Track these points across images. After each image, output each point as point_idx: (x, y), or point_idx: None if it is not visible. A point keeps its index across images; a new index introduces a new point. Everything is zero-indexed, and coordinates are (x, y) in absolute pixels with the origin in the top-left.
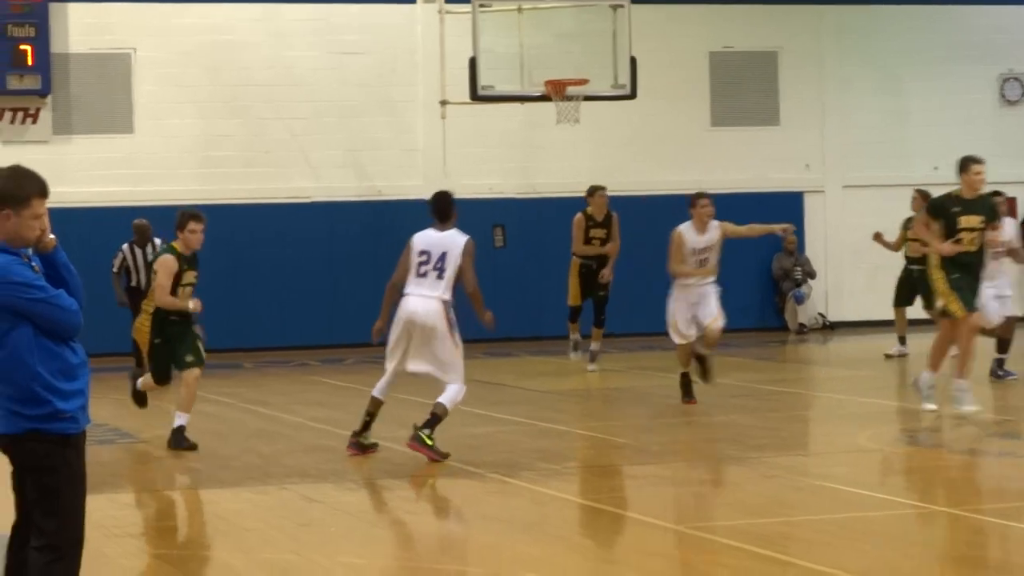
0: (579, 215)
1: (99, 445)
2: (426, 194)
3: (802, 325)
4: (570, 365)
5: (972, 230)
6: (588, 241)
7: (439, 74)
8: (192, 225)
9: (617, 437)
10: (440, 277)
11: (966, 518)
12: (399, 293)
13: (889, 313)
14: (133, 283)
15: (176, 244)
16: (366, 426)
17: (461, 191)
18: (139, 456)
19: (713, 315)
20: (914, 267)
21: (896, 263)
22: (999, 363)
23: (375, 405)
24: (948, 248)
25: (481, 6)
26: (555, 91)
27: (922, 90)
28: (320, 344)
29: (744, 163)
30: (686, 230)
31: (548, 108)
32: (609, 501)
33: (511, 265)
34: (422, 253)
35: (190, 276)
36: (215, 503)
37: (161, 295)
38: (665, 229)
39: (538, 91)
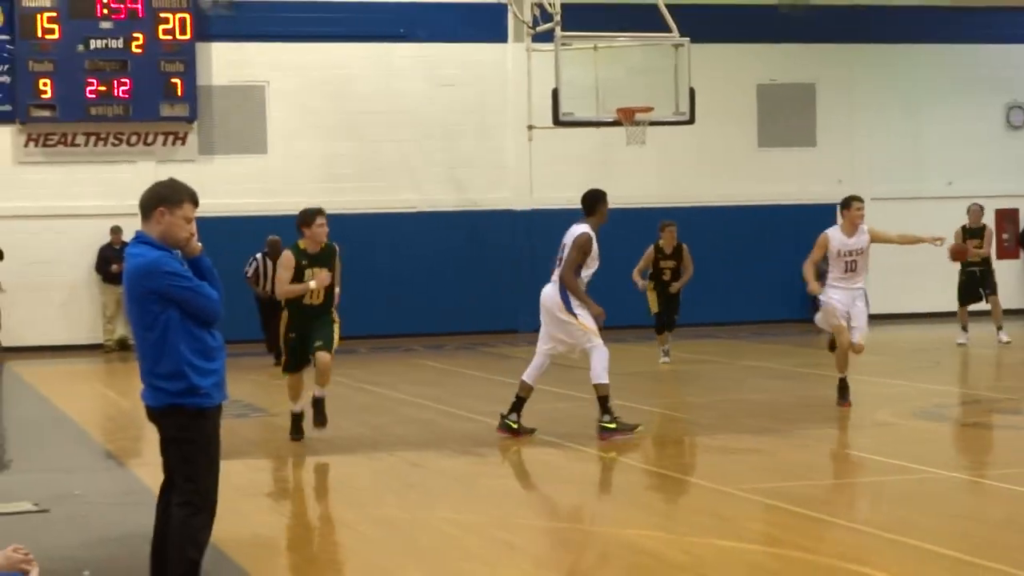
0: (650, 248)
1: (236, 419)
2: (515, 205)
3: None
4: (637, 352)
5: None
6: (659, 272)
7: (527, 103)
8: (319, 220)
9: (675, 412)
10: (558, 264)
11: (974, 482)
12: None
13: (913, 306)
14: (261, 290)
15: (301, 242)
16: (514, 408)
17: (544, 203)
18: (270, 428)
19: (861, 331)
20: (974, 268)
21: (919, 262)
22: None
23: (524, 389)
24: None
25: (563, 45)
26: (625, 117)
27: (938, 116)
28: (424, 332)
29: (786, 179)
30: (834, 233)
31: (619, 132)
32: (667, 466)
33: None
34: (562, 244)
35: (315, 272)
36: (332, 468)
37: (279, 286)
38: (720, 235)
39: (611, 117)
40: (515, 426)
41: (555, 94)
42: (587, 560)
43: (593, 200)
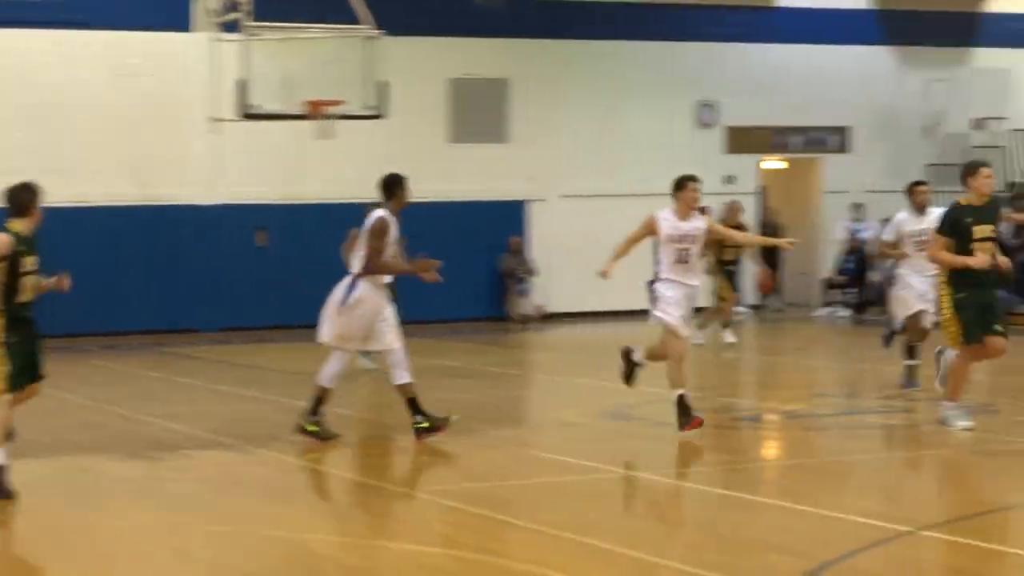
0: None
1: None
2: (200, 200)
3: (524, 315)
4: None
5: (985, 240)
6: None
7: (212, 94)
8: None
9: (365, 414)
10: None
11: (656, 481)
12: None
13: (599, 305)
14: None
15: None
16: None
17: (232, 198)
18: None
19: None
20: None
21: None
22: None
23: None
24: (980, 260)
25: (251, 35)
26: (314, 110)
27: (631, 113)
28: (100, 331)
29: (477, 176)
30: (664, 214)
31: (311, 126)
32: (350, 469)
33: (274, 263)
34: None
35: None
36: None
37: None
38: (409, 233)
39: (300, 110)
40: (315, 429)
41: (242, 86)
42: (264, 565)
43: (391, 184)
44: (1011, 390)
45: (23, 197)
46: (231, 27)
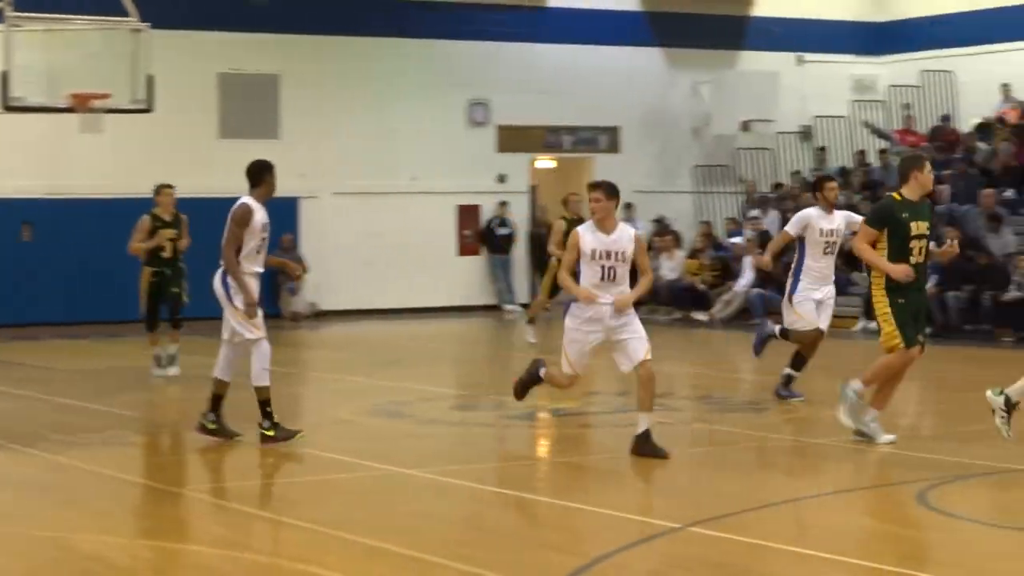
0: (145, 216)
1: None
2: None
3: (296, 313)
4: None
5: (921, 237)
6: (159, 250)
7: None
8: None
9: (132, 411)
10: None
11: (429, 478)
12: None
13: (372, 303)
14: None
15: None
16: (212, 408)
17: None
18: None
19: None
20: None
21: (377, 259)
22: (788, 380)
23: (219, 387)
24: (902, 271)
25: (13, 26)
26: (80, 103)
27: (405, 111)
28: None
29: None
30: (584, 230)
31: (75, 119)
32: (117, 468)
33: (40, 258)
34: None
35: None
36: None
37: None
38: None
39: (65, 103)
40: (212, 427)
41: (4, 77)
42: (31, 567)
43: (258, 170)
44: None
45: None
46: None
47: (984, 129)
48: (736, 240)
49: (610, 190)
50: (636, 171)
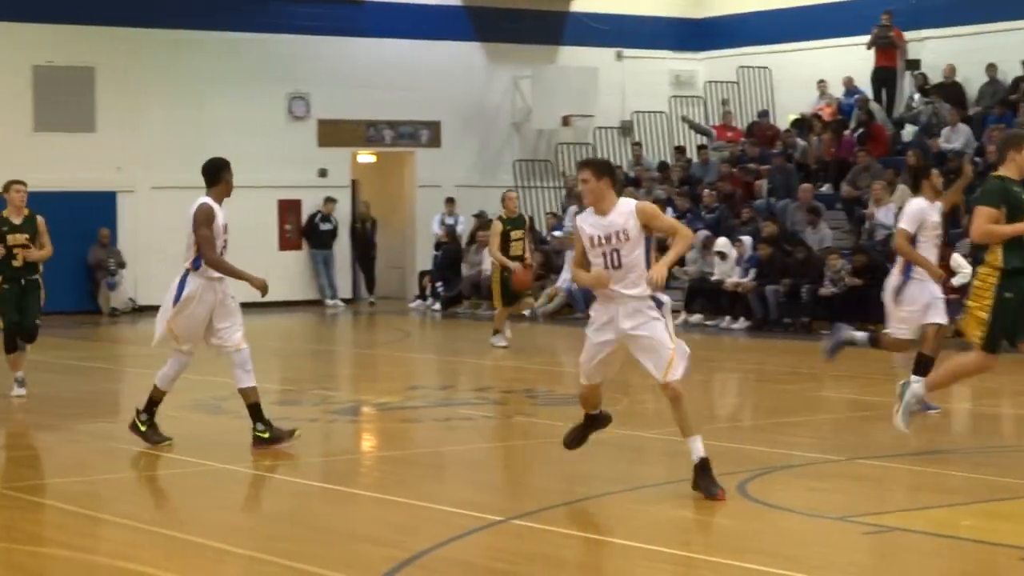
0: None
1: None
2: None
3: (114, 308)
4: None
5: None
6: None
7: None
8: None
9: None
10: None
11: (252, 474)
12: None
13: None
14: None
15: None
16: (147, 409)
17: None
18: None
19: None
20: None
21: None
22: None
23: (157, 392)
24: None
25: None
26: None
27: (224, 104)
28: None
29: (64, 165)
30: (583, 218)
31: None
32: None
33: None
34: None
35: None
36: None
37: None
38: None
39: None
40: (144, 429)
41: None
42: None
43: (215, 169)
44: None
45: None
46: None
47: (801, 125)
48: (557, 234)
49: (600, 168)
50: (457, 166)
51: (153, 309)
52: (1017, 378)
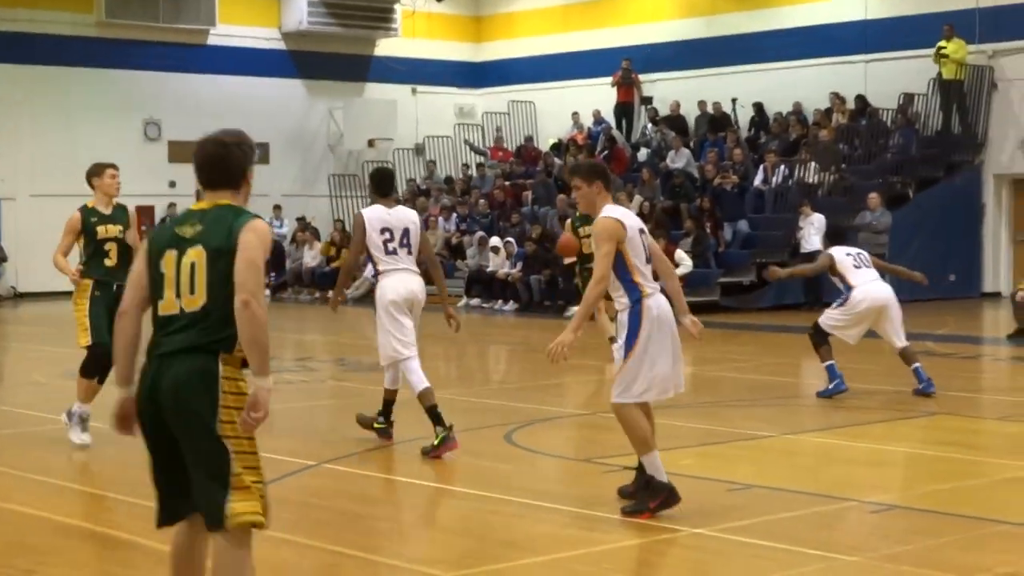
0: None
1: None
2: None
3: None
4: None
5: None
6: None
7: None
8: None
9: None
10: (409, 252)
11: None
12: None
13: (63, 286)
14: None
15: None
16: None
17: None
18: None
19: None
20: None
21: None
22: None
23: (389, 395)
24: None
25: None
26: None
27: (89, 128)
28: None
29: None
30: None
31: None
32: None
33: None
34: (403, 229)
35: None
36: None
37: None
38: None
39: None
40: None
41: None
42: None
43: (390, 177)
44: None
45: None
46: None
47: (558, 148)
48: None
49: (588, 173)
50: (283, 179)
51: (33, 295)
52: (737, 347)
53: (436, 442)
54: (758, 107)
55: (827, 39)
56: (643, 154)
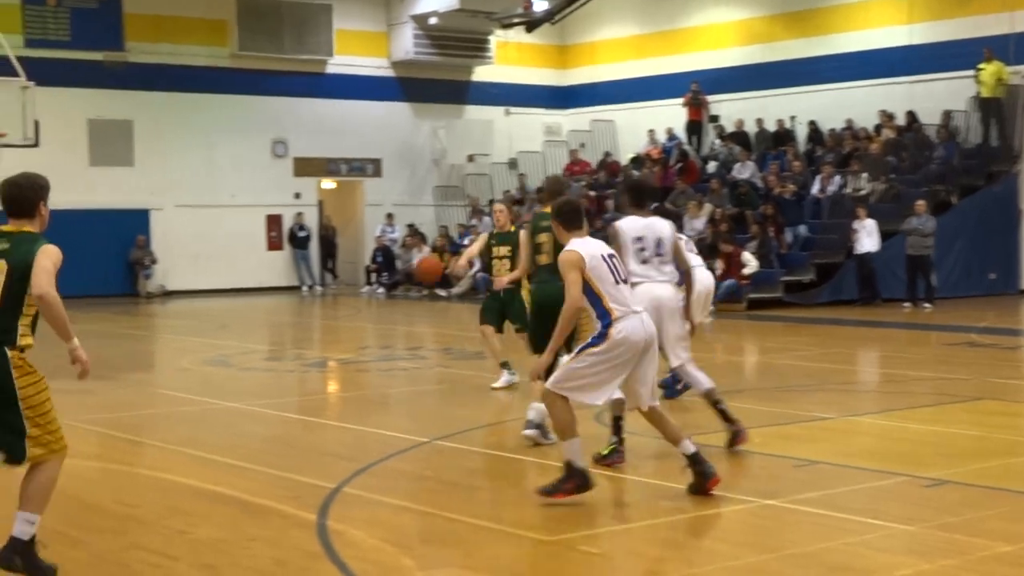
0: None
1: None
2: None
3: (149, 293)
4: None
5: None
6: None
7: None
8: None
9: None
10: (663, 262)
11: (245, 409)
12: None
13: (205, 285)
14: None
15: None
16: (723, 418)
17: None
18: None
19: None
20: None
21: (209, 252)
22: None
23: (709, 398)
24: None
25: None
26: None
27: (225, 146)
28: None
29: (111, 190)
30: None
31: None
32: None
33: None
34: (656, 239)
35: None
36: None
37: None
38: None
39: None
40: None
41: None
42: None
43: (646, 189)
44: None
45: None
46: None
47: (636, 161)
48: (466, 239)
49: (554, 213)
50: (393, 190)
51: (178, 293)
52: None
53: (605, 451)
54: (813, 124)
55: (876, 62)
56: (712, 166)
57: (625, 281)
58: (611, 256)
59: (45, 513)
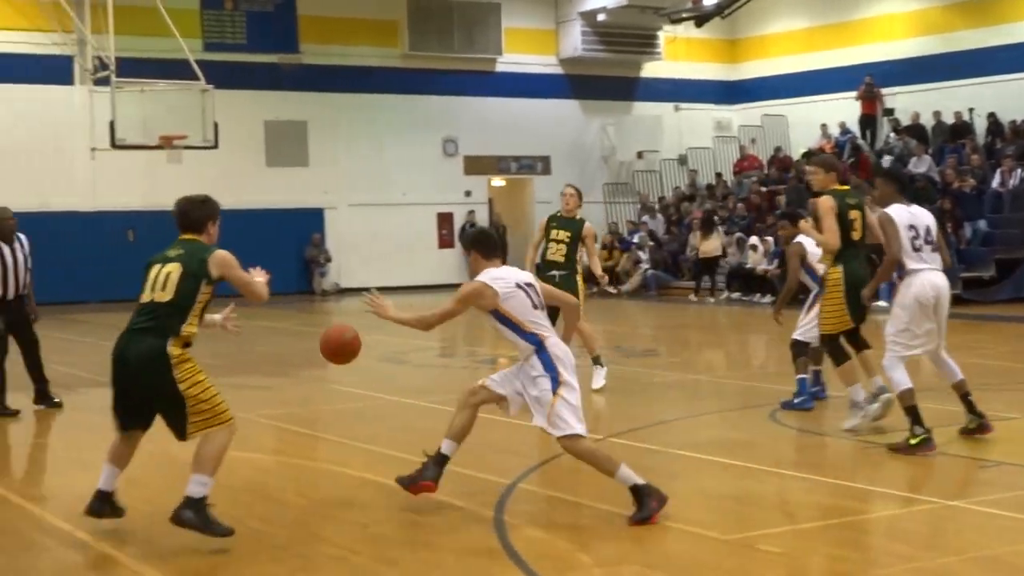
0: None
1: None
2: (83, 208)
3: (324, 290)
4: None
5: None
6: None
7: (90, 131)
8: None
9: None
10: (933, 250)
11: (414, 404)
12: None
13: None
14: None
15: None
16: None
17: (108, 206)
18: None
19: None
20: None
21: (382, 250)
22: None
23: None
24: None
25: (117, 88)
26: (166, 143)
27: (396, 146)
28: None
29: (288, 190)
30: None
31: (164, 153)
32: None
33: (141, 254)
34: (923, 226)
35: None
36: None
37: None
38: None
39: (156, 143)
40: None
41: (112, 125)
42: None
43: (908, 179)
44: (668, 340)
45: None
46: (103, 82)
47: (808, 156)
48: (636, 237)
49: (469, 241)
50: (562, 188)
51: (352, 290)
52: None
53: (915, 441)
54: (993, 116)
55: None
56: (886, 161)
57: (539, 307)
58: (528, 284)
59: (225, 504)
